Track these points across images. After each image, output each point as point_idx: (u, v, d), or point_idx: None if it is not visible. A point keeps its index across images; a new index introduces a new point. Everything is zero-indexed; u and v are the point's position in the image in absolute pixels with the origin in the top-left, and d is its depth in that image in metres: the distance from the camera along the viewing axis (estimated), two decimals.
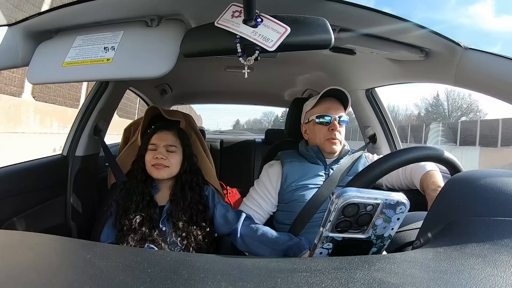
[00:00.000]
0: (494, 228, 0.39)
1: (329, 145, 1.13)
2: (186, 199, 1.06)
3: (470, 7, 60.59)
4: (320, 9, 0.82)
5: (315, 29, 0.71)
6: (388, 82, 1.42)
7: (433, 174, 1.00)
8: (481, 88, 0.95)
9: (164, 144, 1.06)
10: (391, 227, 0.41)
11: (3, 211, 1.07)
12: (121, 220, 1.01)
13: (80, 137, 1.43)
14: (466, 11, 60.99)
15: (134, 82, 1.77)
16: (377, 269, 0.34)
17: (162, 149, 1.05)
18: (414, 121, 26.35)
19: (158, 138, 1.07)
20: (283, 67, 1.72)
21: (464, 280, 0.30)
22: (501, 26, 52.81)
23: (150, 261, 0.36)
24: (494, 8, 52.70)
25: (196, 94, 2.61)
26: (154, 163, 1.04)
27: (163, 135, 1.07)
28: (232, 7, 0.72)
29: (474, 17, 10.78)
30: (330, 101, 1.17)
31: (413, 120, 27.01)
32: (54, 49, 0.87)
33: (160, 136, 1.07)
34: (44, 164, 1.34)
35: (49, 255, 0.40)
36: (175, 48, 0.78)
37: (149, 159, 1.05)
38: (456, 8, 65.05)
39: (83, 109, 1.47)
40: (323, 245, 0.41)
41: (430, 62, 1.03)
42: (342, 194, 0.39)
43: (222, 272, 0.34)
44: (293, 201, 1.12)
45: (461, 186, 0.48)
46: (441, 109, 25.96)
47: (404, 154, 0.74)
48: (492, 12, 53.05)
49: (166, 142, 1.07)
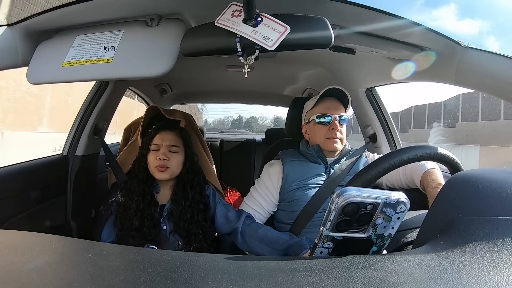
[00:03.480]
0: (494, 227, 0.39)
1: (330, 144, 1.13)
2: (187, 198, 1.06)
3: (434, 10, 61.24)
4: (320, 8, 0.82)
5: (315, 28, 0.71)
6: (388, 81, 1.42)
7: (433, 172, 1.00)
8: (482, 87, 0.95)
9: (166, 144, 1.06)
10: (391, 226, 0.41)
11: (3, 211, 1.08)
12: (122, 219, 1.01)
13: (80, 137, 1.43)
14: (431, 14, 61.50)
15: (134, 82, 1.77)
16: (377, 268, 0.34)
17: (165, 150, 1.05)
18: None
19: (160, 138, 1.06)
20: (283, 67, 1.72)
21: (464, 279, 0.30)
22: (464, 29, 53.37)
23: (151, 261, 0.36)
24: (457, 12, 53.31)
25: (196, 94, 2.61)
26: (157, 164, 1.03)
27: (165, 135, 1.07)
28: (232, 6, 0.72)
29: (438, 20, 11.00)
30: (330, 101, 1.17)
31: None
32: (54, 49, 0.87)
33: (162, 136, 1.07)
34: (44, 164, 1.34)
35: (49, 255, 0.40)
36: (175, 47, 0.78)
37: (152, 160, 1.05)
38: (421, 11, 65.88)
39: (83, 108, 1.47)
40: (323, 244, 0.41)
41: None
42: (342, 193, 0.39)
43: (223, 272, 0.34)
44: (293, 200, 1.12)
45: (461, 185, 0.48)
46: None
47: (404, 154, 0.74)
48: (455, 15, 53.59)
49: (169, 142, 1.06)
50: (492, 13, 72.19)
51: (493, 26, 68.67)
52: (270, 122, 6.96)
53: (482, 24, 65.10)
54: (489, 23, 69.82)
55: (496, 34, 64.41)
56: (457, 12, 50.19)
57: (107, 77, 1.10)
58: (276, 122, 6.40)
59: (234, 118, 8.35)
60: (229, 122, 8.18)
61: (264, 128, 4.16)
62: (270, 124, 6.72)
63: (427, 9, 65.61)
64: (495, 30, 69.55)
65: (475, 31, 51.69)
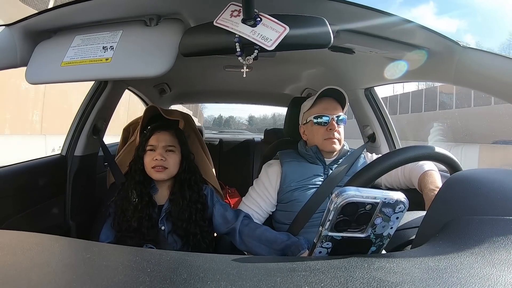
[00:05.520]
0: (492, 227, 0.39)
1: (328, 144, 1.13)
2: (185, 198, 1.06)
3: (413, 9, 61.91)
4: (319, 9, 0.82)
5: (314, 29, 0.71)
6: (387, 81, 1.42)
7: (431, 174, 1.00)
8: (480, 86, 0.95)
9: (162, 145, 1.05)
10: (390, 226, 0.41)
11: (3, 211, 1.07)
12: (120, 221, 1.01)
13: (79, 137, 1.43)
14: (410, 12, 62.19)
15: (133, 82, 1.77)
16: (376, 268, 0.34)
17: (161, 150, 1.05)
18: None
19: (156, 139, 1.06)
20: (282, 67, 1.72)
21: (463, 279, 0.30)
22: (442, 26, 53.99)
23: (149, 261, 0.36)
24: (436, 10, 53.96)
25: (195, 94, 2.60)
26: (154, 165, 1.03)
27: (161, 136, 1.07)
28: (231, 6, 0.72)
29: (417, 19, 11.01)
30: (328, 101, 1.17)
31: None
32: (53, 49, 0.86)
33: (158, 137, 1.06)
34: (43, 164, 1.34)
35: (49, 255, 0.39)
36: (174, 47, 0.78)
37: (148, 161, 1.04)
38: (399, 9, 66.59)
39: (82, 108, 1.46)
40: (322, 244, 0.41)
41: (429, 61, 1.03)
42: (341, 193, 0.39)
43: (221, 272, 0.34)
44: (292, 201, 1.12)
45: (460, 185, 0.48)
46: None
47: (403, 154, 0.74)
48: (434, 14, 54.26)
49: (165, 142, 1.06)
50: (470, 12, 73.85)
51: (471, 24, 69.45)
52: (245, 120, 7.18)
53: (460, 22, 66.06)
54: (467, 22, 70.76)
55: (473, 32, 65.08)
56: (436, 10, 50.79)
57: (106, 77, 1.09)
58: (250, 120, 6.57)
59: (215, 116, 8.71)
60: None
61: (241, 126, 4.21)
62: (246, 122, 6.89)
63: (406, 8, 66.13)
64: (472, 28, 70.38)
65: (452, 30, 52.48)
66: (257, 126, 14.58)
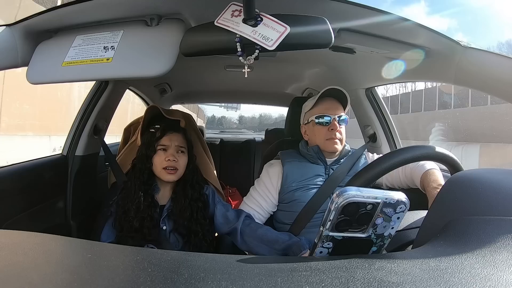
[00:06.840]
0: (494, 227, 0.39)
1: (330, 144, 1.13)
2: (187, 197, 1.06)
3: (405, 8, 61.86)
4: (320, 8, 0.82)
5: (315, 28, 0.71)
6: (388, 81, 1.42)
7: (433, 173, 1.00)
8: (481, 86, 0.95)
9: (175, 145, 1.05)
10: (391, 226, 0.41)
11: (3, 211, 1.07)
12: (121, 221, 1.01)
13: (80, 136, 1.43)
14: (401, 11, 62.04)
15: (134, 82, 1.77)
16: (377, 268, 0.34)
17: (173, 151, 1.04)
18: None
19: (169, 139, 1.06)
20: (283, 66, 1.72)
21: (464, 279, 0.30)
22: (433, 25, 54.16)
23: (150, 261, 0.36)
24: (428, 10, 54.00)
25: (196, 94, 2.61)
26: (166, 165, 1.02)
27: (173, 137, 1.06)
28: (232, 6, 0.71)
29: (409, 18, 11.11)
30: (329, 101, 1.17)
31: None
32: (53, 49, 0.87)
33: (170, 138, 1.06)
34: (44, 163, 1.34)
35: (49, 255, 0.40)
36: (175, 47, 0.78)
37: (160, 161, 1.03)
38: (391, 8, 66.55)
39: (82, 108, 1.47)
40: (323, 244, 0.41)
41: (430, 61, 1.03)
42: (342, 193, 0.39)
43: (222, 272, 0.34)
44: (293, 201, 1.12)
45: (461, 185, 0.48)
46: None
47: (403, 153, 0.74)
48: (425, 13, 54.32)
49: (177, 143, 1.06)
50: (461, 11, 73.99)
51: (461, 23, 69.98)
52: (237, 120, 7.25)
53: (450, 21, 66.30)
54: (458, 21, 71.17)
55: (464, 31, 65.62)
56: (427, 10, 50.84)
57: (107, 77, 1.10)
58: (241, 120, 6.63)
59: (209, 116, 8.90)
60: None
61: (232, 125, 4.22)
62: (236, 121, 6.93)
63: (397, 7, 66.19)
64: (462, 27, 71.05)
65: (443, 28, 52.75)
66: (248, 125, 14.78)
